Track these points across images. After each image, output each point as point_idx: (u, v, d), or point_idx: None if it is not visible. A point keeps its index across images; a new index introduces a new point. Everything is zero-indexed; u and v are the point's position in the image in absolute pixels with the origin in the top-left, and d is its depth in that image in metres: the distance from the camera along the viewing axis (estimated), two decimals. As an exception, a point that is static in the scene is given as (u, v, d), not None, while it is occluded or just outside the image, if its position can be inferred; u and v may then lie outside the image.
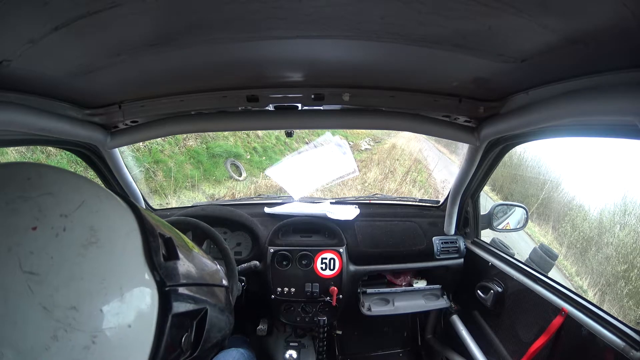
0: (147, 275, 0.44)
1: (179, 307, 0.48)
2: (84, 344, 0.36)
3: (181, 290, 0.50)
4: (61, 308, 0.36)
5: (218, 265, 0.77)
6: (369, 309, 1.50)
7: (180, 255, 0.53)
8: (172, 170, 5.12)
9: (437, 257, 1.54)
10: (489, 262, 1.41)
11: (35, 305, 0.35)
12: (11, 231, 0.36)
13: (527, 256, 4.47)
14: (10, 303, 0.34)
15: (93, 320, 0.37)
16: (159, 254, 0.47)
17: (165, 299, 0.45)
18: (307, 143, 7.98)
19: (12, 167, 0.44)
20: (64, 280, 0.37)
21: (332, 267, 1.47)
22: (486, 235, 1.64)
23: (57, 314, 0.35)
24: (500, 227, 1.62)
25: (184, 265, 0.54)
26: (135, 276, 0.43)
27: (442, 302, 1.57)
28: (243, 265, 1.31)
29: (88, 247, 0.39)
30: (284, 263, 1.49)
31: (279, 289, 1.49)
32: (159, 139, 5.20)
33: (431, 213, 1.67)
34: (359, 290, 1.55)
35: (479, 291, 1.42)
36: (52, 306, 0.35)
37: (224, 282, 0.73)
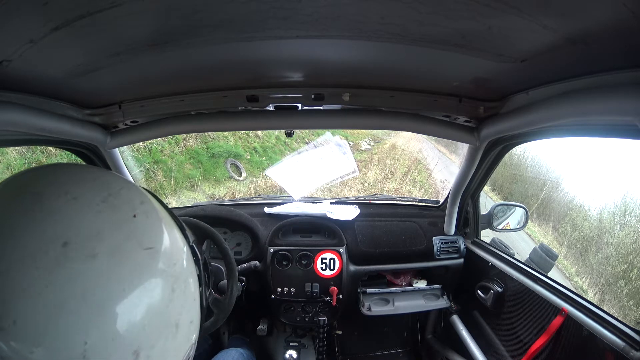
0: (184, 239, 0.58)
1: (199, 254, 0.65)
2: (183, 288, 0.50)
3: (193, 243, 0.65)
4: (171, 267, 0.49)
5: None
6: (369, 309, 1.50)
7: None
8: (172, 170, 5.12)
9: (437, 257, 1.54)
10: (489, 262, 1.41)
11: (159, 271, 0.47)
12: (122, 224, 0.46)
13: (527, 256, 4.47)
14: (142, 276, 0.44)
15: (184, 270, 0.52)
16: (179, 221, 0.61)
17: (192, 250, 0.61)
18: (307, 143, 7.98)
19: (68, 169, 0.52)
20: (166, 246, 0.49)
21: (332, 267, 1.47)
22: (486, 235, 1.64)
23: (170, 271, 0.48)
24: (500, 227, 1.62)
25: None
26: (181, 238, 0.57)
27: (442, 302, 1.57)
28: (243, 265, 1.31)
29: (162, 222, 0.51)
30: (284, 263, 1.49)
31: (279, 289, 1.49)
32: (159, 139, 5.20)
33: (431, 213, 1.67)
34: (359, 290, 1.55)
35: (479, 291, 1.42)
36: (168, 267, 0.48)
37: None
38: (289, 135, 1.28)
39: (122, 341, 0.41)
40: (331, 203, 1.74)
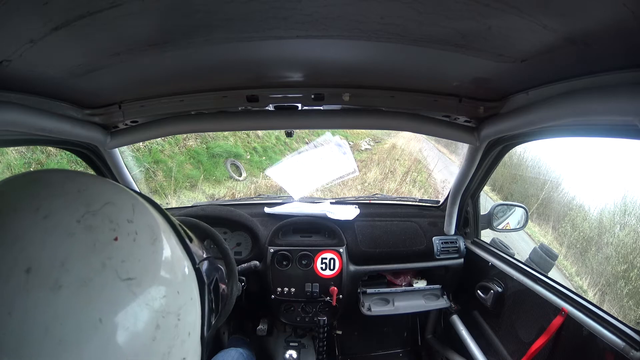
0: (186, 261, 0.51)
1: (205, 278, 0.58)
2: (174, 322, 0.43)
3: (200, 265, 0.59)
4: (157, 300, 0.42)
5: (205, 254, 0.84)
6: (369, 309, 1.50)
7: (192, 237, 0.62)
8: (172, 170, 5.12)
9: (437, 257, 1.54)
10: (489, 262, 1.41)
11: (142, 305, 0.40)
12: (98, 248, 0.39)
13: (527, 256, 4.47)
14: (116, 312, 0.38)
15: (176, 302, 0.44)
16: (185, 240, 0.54)
17: (198, 273, 0.53)
18: (307, 143, 7.98)
19: (50, 177, 0.45)
20: (153, 276, 0.42)
21: (332, 267, 1.47)
22: (486, 235, 1.64)
23: (156, 305, 0.41)
24: (500, 227, 1.62)
25: (193, 246, 0.61)
26: (183, 260, 0.50)
27: (442, 302, 1.57)
28: (243, 265, 1.31)
29: (155, 244, 0.44)
30: (284, 263, 1.49)
31: (279, 289, 1.49)
32: (159, 139, 5.20)
33: (431, 213, 1.67)
34: (359, 290, 1.55)
35: (479, 291, 1.42)
36: (152, 301, 0.41)
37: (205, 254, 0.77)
38: (289, 135, 1.28)
39: None
40: (331, 203, 1.74)
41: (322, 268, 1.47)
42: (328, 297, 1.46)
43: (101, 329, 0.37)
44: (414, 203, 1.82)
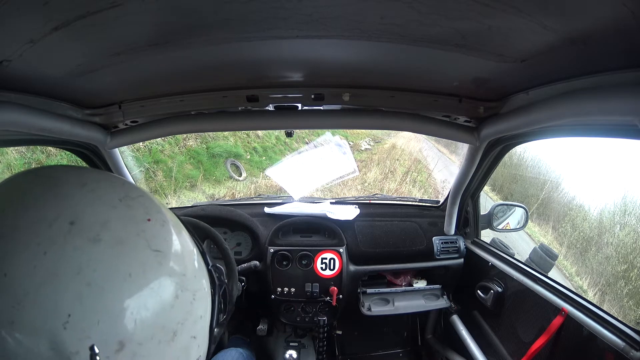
0: (201, 258, 0.59)
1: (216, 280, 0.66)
2: (190, 299, 0.50)
3: (211, 267, 0.65)
4: (178, 275, 0.48)
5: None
6: (369, 309, 1.50)
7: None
8: (172, 170, 5.12)
9: (437, 257, 1.54)
10: (489, 262, 1.41)
11: (166, 274, 0.47)
12: (134, 221, 0.47)
13: (527, 256, 4.47)
14: (147, 274, 0.45)
15: (193, 284, 0.51)
16: (201, 245, 0.62)
17: (210, 274, 0.61)
18: (307, 143, 7.98)
19: (97, 171, 0.55)
20: (176, 257, 0.49)
21: (332, 267, 1.47)
22: (486, 235, 1.64)
23: (176, 279, 0.48)
24: (500, 227, 1.62)
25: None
26: (199, 256, 0.57)
27: (442, 302, 1.57)
28: (243, 265, 1.31)
29: (181, 234, 0.53)
30: (284, 263, 1.49)
31: (279, 289, 1.49)
32: (159, 139, 5.19)
33: (431, 213, 1.67)
34: (359, 290, 1.55)
35: (479, 291, 1.42)
36: (174, 275, 0.48)
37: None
38: (289, 135, 1.28)
39: (108, 326, 0.40)
40: (331, 203, 1.74)
41: (322, 268, 1.47)
42: (328, 297, 1.46)
43: (129, 282, 0.42)
44: (414, 203, 1.82)
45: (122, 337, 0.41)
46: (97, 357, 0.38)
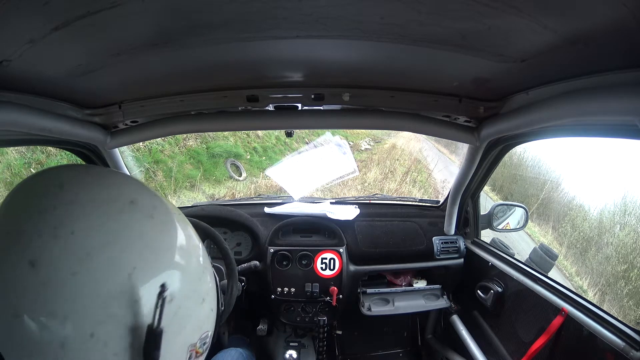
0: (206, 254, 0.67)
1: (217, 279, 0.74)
2: (210, 278, 0.65)
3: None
4: (203, 257, 0.63)
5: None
6: (369, 309, 1.50)
7: None
8: (172, 170, 5.12)
9: (437, 257, 1.54)
10: (489, 262, 1.41)
11: (197, 251, 0.62)
12: (174, 210, 0.59)
13: (527, 256, 4.46)
14: (188, 243, 0.60)
15: (207, 265, 0.64)
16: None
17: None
18: (307, 143, 7.98)
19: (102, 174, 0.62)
20: (198, 241, 0.64)
21: (332, 267, 1.47)
22: (486, 235, 1.64)
23: (202, 260, 0.63)
24: (500, 227, 1.62)
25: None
26: (205, 252, 0.66)
27: (442, 302, 1.57)
28: (243, 265, 1.31)
29: (187, 228, 0.61)
30: (284, 263, 1.49)
31: (279, 289, 1.49)
32: (159, 139, 5.20)
33: (431, 213, 1.67)
34: (359, 290, 1.55)
35: (479, 291, 1.41)
36: (202, 256, 0.63)
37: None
38: (289, 135, 1.28)
39: (162, 277, 0.51)
40: (331, 203, 1.74)
41: (322, 268, 1.47)
42: (328, 297, 1.46)
43: (173, 252, 0.55)
44: (414, 203, 1.82)
45: (171, 290, 0.52)
46: (166, 294, 0.50)
